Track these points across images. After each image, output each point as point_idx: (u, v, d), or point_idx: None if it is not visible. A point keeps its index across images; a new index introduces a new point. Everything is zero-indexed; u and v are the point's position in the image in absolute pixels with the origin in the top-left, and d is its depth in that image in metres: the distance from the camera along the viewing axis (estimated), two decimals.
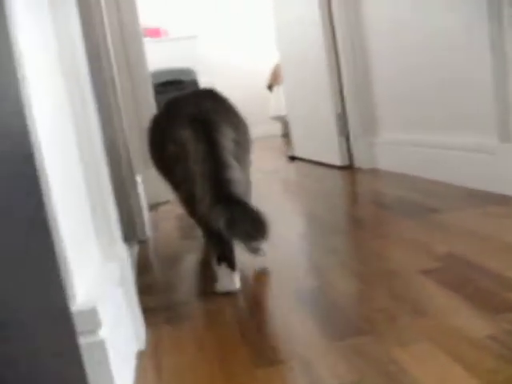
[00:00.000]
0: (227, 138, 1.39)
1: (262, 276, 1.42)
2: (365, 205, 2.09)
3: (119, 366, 0.89)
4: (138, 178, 2.48)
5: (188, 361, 1.00)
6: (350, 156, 3.06)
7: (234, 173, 1.34)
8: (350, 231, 1.72)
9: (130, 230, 2.03)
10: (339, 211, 2.02)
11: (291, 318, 1.12)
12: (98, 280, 0.93)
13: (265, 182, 3.04)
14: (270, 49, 6.13)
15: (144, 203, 2.44)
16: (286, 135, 4.89)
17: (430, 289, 1.14)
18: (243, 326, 1.12)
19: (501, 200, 1.76)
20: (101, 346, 0.81)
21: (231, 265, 1.36)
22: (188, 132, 1.40)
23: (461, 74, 2.00)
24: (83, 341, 0.79)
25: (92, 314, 0.80)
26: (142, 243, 2.02)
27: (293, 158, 3.86)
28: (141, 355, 1.07)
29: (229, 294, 1.32)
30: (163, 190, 2.87)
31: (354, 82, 2.86)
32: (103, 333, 0.82)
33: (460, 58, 1.99)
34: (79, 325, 0.79)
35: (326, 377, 0.86)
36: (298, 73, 3.54)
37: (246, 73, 6.62)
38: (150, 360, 1.04)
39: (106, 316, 0.86)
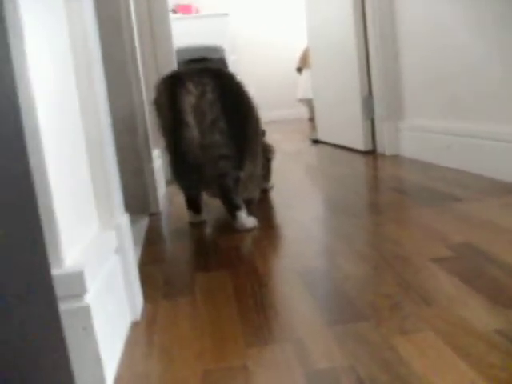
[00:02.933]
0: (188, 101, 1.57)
1: (268, 253, 1.38)
2: (384, 191, 2.02)
3: (107, 335, 0.86)
4: (156, 152, 2.45)
5: (180, 337, 0.97)
6: (374, 141, 2.99)
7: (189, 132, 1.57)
8: (366, 216, 1.67)
9: (143, 203, 2.01)
10: (357, 196, 1.97)
11: (293, 298, 1.08)
12: (92, 246, 0.90)
13: (285, 164, 2.99)
14: (301, 31, 6.02)
15: (161, 177, 2.41)
16: (313, 119, 4.82)
17: (440, 278, 1.09)
18: (242, 304, 1.08)
19: None
20: (86, 311, 0.78)
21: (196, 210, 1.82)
22: (163, 85, 1.65)
23: (492, 59, 1.92)
24: (67, 305, 0.76)
25: (78, 279, 0.77)
26: (154, 216, 1.99)
27: (316, 142, 3.79)
28: (134, 327, 1.04)
29: (232, 270, 1.28)
30: None
31: (382, 64, 2.77)
32: (89, 299, 0.79)
33: (491, 42, 1.91)
34: (64, 289, 0.76)
35: (318, 360, 0.82)
36: (325, 55, 3.46)
37: (276, 54, 6.53)
38: (142, 333, 1.01)
39: (94, 282, 0.83)
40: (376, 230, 1.50)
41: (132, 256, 1.10)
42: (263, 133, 2.02)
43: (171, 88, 1.61)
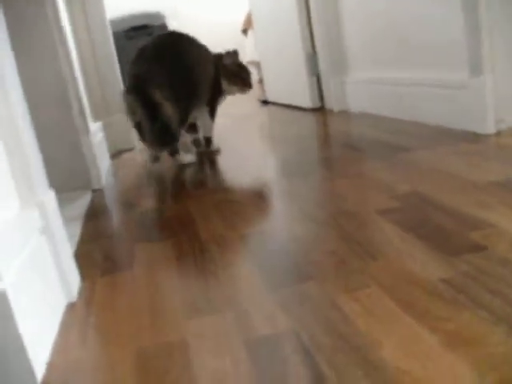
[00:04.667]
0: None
1: (210, 218, 1.33)
2: (334, 146, 1.98)
3: (34, 321, 0.80)
4: (96, 126, 2.36)
5: (118, 315, 0.91)
6: (322, 97, 2.93)
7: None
8: (314, 173, 1.62)
9: (84, 179, 1.93)
10: (308, 154, 1.92)
11: (236, 264, 1.03)
12: (8, 227, 0.83)
13: (234, 127, 2.92)
14: None
15: (102, 151, 2.32)
16: (262, 80, 4.74)
17: (386, 230, 1.05)
18: (182, 274, 1.03)
19: (471, 137, 1.66)
20: (1, 297, 0.71)
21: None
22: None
23: (431, 9, 1.87)
24: None
25: None
26: (97, 191, 1.91)
27: (265, 102, 3.72)
28: (70, 309, 0.98)
29: (174, 239, 1.23)
30: (127, 137, 2.75)
31: (323, 20, 2.70)
32: (6, 283, 0.72)
33: None
34: None
35: (261, 326, 0.77)
36: (267, 15, 3.37)
37: (220, 17, 6.38)
38: (78, 314, 0.95)
39: (11, 266, 0.76)
40: (324, 187, 1.46)
41: (62, 235, 1.03)
42: (235, 53, 2.32)
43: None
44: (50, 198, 1.01)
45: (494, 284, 0.77)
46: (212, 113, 2.30)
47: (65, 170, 1.90)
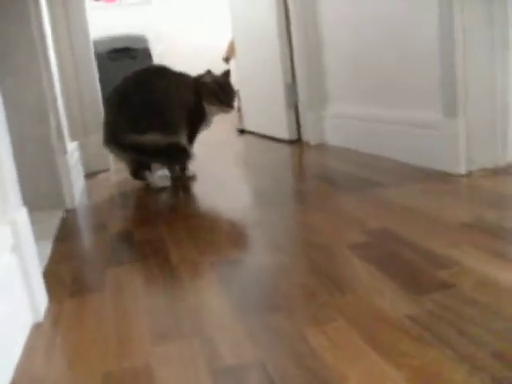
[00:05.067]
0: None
1: (184, 244, 1.33)
2: (308, 179, 2.01)
3: None
4: (73, 146, 2.35)
5: (84, 337, 0.91)
6: (299, 130, 2.97)
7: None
8: (288, 204, 1.64)
9: (56, 198, 1.91)
10: (281, 185, 1.94)
11: (205, 291, 1.03)
12: None
13: (210, 155, 2.94)
14: (228, 21, 5.95)
15: (78, 171, 2.31)
16: (241, 109, 4.78)
17: (355, 265, 1.07)
18: (151, 299, 1.02)
19: (442, 177, 1.70)
20: None
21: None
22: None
23: (409, 50, 1.92)
24: None
25: None
26: (70, 212, 1.90)
27: (242, 131, 3.75)
28: (36, 329, 0.97)
29: (144, 262, 1.22)
30: (104, 158, 2.74)
31: (304, 52, 2.74)
32: None
33: (408, 33, 1.91)
34: None
35: (227, 355, 0.78)
36: (249, 44, 3.42)
37: (203, 44, 6.44)
38: (44, 335, 0.94)
39: None
40: (296, 219, 1.47)
41: (32, 254, 1.03)
42: (226, 74, 2.34)
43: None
44: (22, 215, 1.01)
45: (459, 322, 0.78)
46: (190, 138, 2.28)
47: (38, 188, 1.88)
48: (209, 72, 2.27)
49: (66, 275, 1.23)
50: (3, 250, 0.90)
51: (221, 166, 2.53)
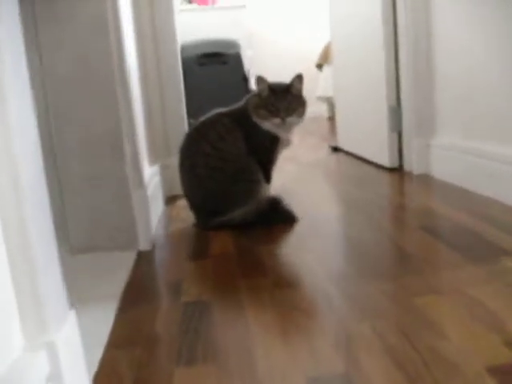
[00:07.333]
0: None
1: (271, 343, 1.07)
2: (414, 230, 1.69)
3: None
4: (153, 170, 2.16)
5: None
6: (401, 157, 2.65)
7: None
8: (393, 274, 1.35)
9: (129, 237, 1.72)
10: (381, 236, 1.65)
11: None
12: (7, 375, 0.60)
13: (298, 179, 2.67)
14: (323, 25, 5.62)
15: (156, 199, 2.12)
16: (333, 118, 4.50)
17: None
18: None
19: None
20: None
21: None
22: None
23: None
24: None
25: None
26: (143, 256, 1.68)
27: (336, 149, 3.46)
28: None
29: (217, 368, 0.98)
30: None
31: (414, 71, 2.41)
32: None
33: None
34: None
35: None
36: (349, 53, 3.11)
37: (295, 49, 6.16)
38: None
39: None
40: (407, 303, 1.17)
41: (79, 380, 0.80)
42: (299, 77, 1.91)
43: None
44: (65, 330, 0.78)
45: None
46: (267, 176, 1.97)
47: (108, 226, 1.69)
48: (260, 78, 1.89)
49: (124, 372, 1.00)
50: (41, 381, 0.67)
51: (310, 200, 2.24)
